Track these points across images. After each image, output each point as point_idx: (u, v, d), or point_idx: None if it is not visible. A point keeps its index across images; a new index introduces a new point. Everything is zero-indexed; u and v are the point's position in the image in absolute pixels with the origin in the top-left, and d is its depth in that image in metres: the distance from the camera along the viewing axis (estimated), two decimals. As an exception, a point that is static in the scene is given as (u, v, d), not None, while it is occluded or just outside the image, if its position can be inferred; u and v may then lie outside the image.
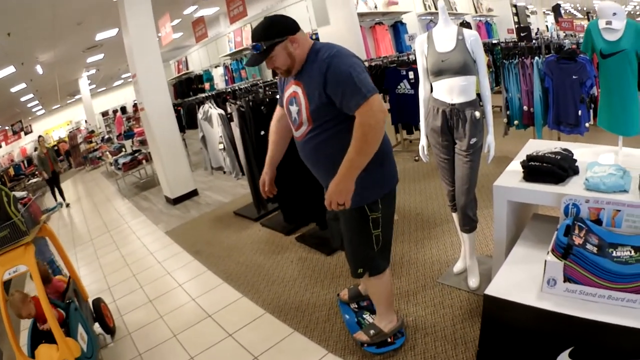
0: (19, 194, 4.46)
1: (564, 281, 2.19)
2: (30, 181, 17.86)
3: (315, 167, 2.95)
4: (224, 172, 7.12)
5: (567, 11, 28.70)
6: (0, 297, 3.41)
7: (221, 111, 6.63)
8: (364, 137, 2.48)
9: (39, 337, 3.50)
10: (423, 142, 3.78)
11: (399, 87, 7.76)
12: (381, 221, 2.94)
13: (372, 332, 3.28)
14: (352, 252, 3.07)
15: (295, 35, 2.67)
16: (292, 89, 2.83)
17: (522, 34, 9.14)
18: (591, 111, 5.69)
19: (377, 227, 2.93)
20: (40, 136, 12.72)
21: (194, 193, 9.14)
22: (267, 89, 6.90)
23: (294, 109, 2.83)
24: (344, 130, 2.65)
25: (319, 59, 2.62)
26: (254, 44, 2.66)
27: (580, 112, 5.61)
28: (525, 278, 2.41)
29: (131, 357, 4.04)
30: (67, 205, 11.81)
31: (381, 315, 3.32)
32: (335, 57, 2.58)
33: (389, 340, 3.29)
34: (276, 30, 2.64)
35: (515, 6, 17.19)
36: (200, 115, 7.08)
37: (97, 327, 4.30)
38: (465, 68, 3.27)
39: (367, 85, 2.50)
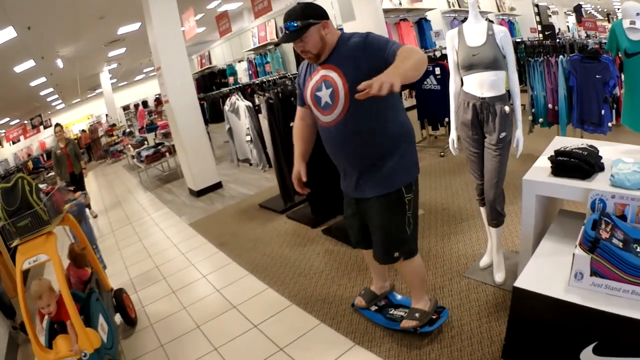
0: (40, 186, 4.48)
1: (591, 275, 2.22)
2: (50, 174, 17.76)
3: (350, 150, 2.96)
4: (250, 164, 7.17)
5: (588, 12, 28.45)
6: (19, 287, 3.42)
7: (249, 103, 6.68)
8: (411, 53, 2.50)
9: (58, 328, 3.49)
10: (453, 135, 3.82)
11: (425, 82, 7.79)
12: (412, 203, 3.03)
13: (417, 315, 3.29)
14: (386, 236, 3.07)
15: (328, 21, 2.85)
16: (321, 73, 2.91)
17: (546, 33, 9.12)
18: (614, 111, 5.71)
19: (410, 208, 3.01)
20: (57, 125, 9.64)
21: (218, 185, 9.17)
22: (295, 80, 6.90)
23: (324, 93, 2.88)
24: (382, 108, 2.81)
25: (352, 40, 2.82)
26: (288, 23, 2.77)
27: (603, 112, 5.63)
28: (553, 272, 2.44)
29: (152, 348, 4.05)
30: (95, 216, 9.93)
31: (417, 297, 3.37)
32: (370, 34, 2.80)
33: (434, 317, 3.33)
34: (313, 12, 2.80)
35: (537, 6, 17.07)
36: (227, 107, 7.12)
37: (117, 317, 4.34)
38: (495, 63, 3.33)
39: None
